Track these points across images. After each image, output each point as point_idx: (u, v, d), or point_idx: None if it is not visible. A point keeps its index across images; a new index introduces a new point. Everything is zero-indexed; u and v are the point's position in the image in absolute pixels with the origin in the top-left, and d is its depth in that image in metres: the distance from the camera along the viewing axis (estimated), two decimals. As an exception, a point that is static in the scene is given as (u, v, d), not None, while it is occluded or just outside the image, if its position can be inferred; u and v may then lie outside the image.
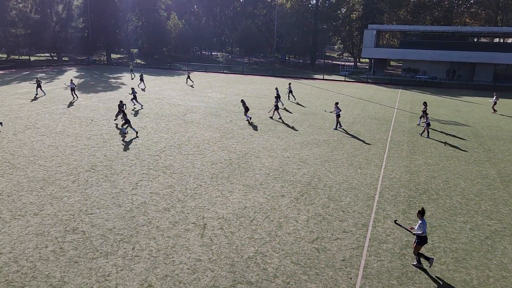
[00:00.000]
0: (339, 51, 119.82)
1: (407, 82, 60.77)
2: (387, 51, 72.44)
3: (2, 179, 15.81)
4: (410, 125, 28.81)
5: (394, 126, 28.64)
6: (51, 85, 44.40)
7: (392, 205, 14.83)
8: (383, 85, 57.35)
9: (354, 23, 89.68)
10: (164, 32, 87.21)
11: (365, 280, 10.14)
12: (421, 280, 10.24)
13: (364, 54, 69.77)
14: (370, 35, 66.43)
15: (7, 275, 9.76)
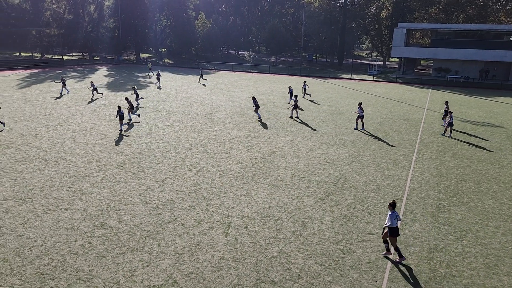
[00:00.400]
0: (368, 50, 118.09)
1: (438, 82, 59.31)
2: (418, 50, 70.84)
3: (35, 175, 16.35)
4: (440, 126, 28.08)
5: (424, 127, 28.00)
6: (83, 83, 45.60)
7: (420, 207, 14.49)
8: (413, 85, 56.16)
9: (384, 22, 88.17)
10: (192, 32, 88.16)
11: (391, 284, 9.95)
12: (449, 285, 9.96)
13: (394, 53, 68.50)
14: (400, 33, 65.17)
15: (38, 268, 10.07)
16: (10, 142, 20.82)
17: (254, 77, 59.45)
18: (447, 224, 13.28)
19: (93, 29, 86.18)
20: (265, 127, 26.11)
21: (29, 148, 19.84)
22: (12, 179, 15.75)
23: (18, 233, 11.69)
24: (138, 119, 27.00)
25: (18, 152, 19.15)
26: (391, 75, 66.61)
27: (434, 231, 12.73)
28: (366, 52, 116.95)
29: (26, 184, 15.35)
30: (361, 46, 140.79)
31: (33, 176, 16.21)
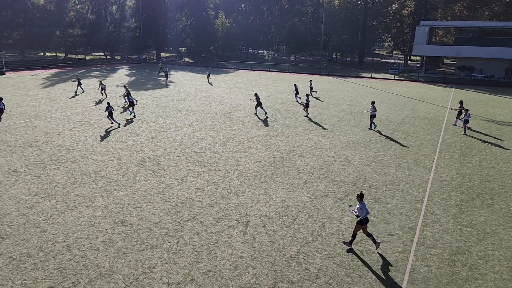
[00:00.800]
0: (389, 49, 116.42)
1: (461, 80, 58.07)
2: (441, 48, 69.49)
3: (58, 172, 16.70)
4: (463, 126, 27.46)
5: (446, 126, 27.46)
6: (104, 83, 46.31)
7: (442, 209, 14.22)
8: (435, 83, 55.15)
9: (406, 20, 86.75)
10: (211, 31, 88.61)
11: (411, 285, 9.79)
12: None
13: (416, 52, 67.39)
14: (422, 31, 64.04)
15: (60, 263, 10.29)
16: (35, 140, 21.33)
17: (273, 76, 59.37)
18: (469, 226, 12.99)
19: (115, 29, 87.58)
20: (284, 126, 26.05)
21: (53, 146, 20.29)
22: (36, 176, 16.13)
23: (42, 229, 11.96)
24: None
25: (42, 150, 19.61)
26: (413, 74, 65.55)
27: (456, 233, 12.48)
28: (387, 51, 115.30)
29: (50, 181, 15.70)
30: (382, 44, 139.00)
31: (56, 173, 16.57)
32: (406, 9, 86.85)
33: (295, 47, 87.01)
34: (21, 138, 21.59)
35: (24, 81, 46.15)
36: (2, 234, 11.59)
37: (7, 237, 11.44)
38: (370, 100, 38.09)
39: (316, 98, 38.23)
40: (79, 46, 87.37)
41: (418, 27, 65.18)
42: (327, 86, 48.55)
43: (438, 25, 72.83)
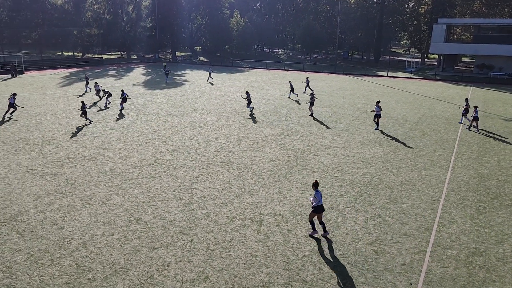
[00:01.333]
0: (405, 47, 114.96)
1: (480, 79, 57.02)
2: (459, 46, 68.38)
3: (75, 170, 16.95)
4: (481, 125, 26.99)
5: (464, 126, 27.01)
6: (120, 82, 46.87)
7: (459, 209, 14.00)
8: (453, 82, 54.29)
9: (423, 17, 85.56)
10: (226, 30, 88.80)
11: (427, 287, 9.66)
12: (489, 291, 9.57)
13: (433, 50, 66.42)
14: (439, 29, 63.07)
15: (77, 259, 10.45)
16: (52, 138, 21.68)
17: (288, 75, 59.20)
18: (487, 227, 12.76)
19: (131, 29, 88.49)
20: (298, 125, 25.96)
21: (70, 144, 20.60)
22: (54, 174, 16.40)
23: (59, 226, 12.16)
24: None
25: (59, 148, 19.93)
26: (430, 72, 64.67)
27: (473, 234, 12.26)
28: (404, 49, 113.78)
29: (67, 178, 15.94)
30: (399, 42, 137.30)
31: (73, 171, 16.82)
32: (423, 6, 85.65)
33: (310, 45, 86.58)
34: (39, 136, 21.98)
35: (43, 80, 46.96)
36: (21, 231, 11.81)
37: (25, 234, 11.66)
38: (387, 99, 37.70)
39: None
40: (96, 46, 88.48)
41: (435, 25, 64.24)
42: (342, 85, 48.22)
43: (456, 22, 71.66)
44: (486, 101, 37.78)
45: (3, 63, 55.34)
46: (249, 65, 75.00)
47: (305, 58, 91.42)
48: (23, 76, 50.86)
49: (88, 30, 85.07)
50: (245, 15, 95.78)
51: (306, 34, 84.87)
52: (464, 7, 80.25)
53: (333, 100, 36.43)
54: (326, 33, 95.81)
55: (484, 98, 40.06)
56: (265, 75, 58.04)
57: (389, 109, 32.31)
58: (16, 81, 45.22)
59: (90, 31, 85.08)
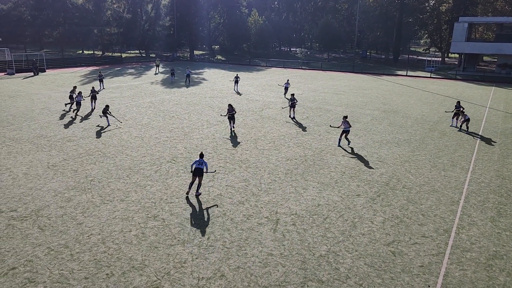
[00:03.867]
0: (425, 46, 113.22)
1: (502, 79, 55.81)
2: (481, 45, 67.00)
3: (94, 166, 17.23)
4: (503, 126, 26.44)
5: (485, 126, 26.47)
6: (139, 80, 47.40)
7: (479, 211, 13.74)
8: (474, 82, 53.24)
9: (443, 16, 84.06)
10: (244, 29, 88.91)
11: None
12: (510, 295, 9.37)
13: (454, 49, 65.24)
14: (461, 28, 61.93)
15: (95, 255, 10.62)
16: (72, 135, 22.07)
17: (305, 74, 58.97)
18: (508, 230, 12.49)
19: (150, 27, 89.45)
20: (316, 124, 25.84)
21: (89, 141, 20.94)
22: (74, 170, 16.70)
23: (78, 221, 12.38)
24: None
25: (79, 145, 20.28)
26: (450, 72, 63.56)
27: (494, 237, 12.02)
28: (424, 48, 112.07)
29: (86, 175, 16.22)
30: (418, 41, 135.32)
31: (92, 167, 17.10)
32: (444, 5, 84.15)
33: (328, 44, 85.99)
34: (60, 133, 22.40)
35: (64, 78, 47.82)
36: (42, 226, 12.07)
37: (46, 229, 11.90)
38: (405, 98, 37.23)
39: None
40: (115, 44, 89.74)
41: (456, 24, 63.09)
42: (360, 84, 47.78)
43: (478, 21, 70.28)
44: (508, 101, 36.95)
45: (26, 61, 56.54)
46: (267, 64, 74.94)
47: (323, 57, 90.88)
48: (44, 74, 51.87)
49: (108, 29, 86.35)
50: (263, 13, 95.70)
51: (324, 33, 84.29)
52: (486, 5, 78.59)
53: (351, 99, 36.14)
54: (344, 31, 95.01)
55: (506, 98, 39.18)
56: (282, 74, 57.91)
57: (408, 109, 31.89)
58: (37, 79, 46.17)
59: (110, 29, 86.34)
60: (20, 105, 30.12)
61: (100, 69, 57.36)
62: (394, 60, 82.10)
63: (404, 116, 29.12)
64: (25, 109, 28.48)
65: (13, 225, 12.09)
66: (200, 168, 14.16)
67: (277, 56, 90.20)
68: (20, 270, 9.88)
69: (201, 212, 13.18)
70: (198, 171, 14.14)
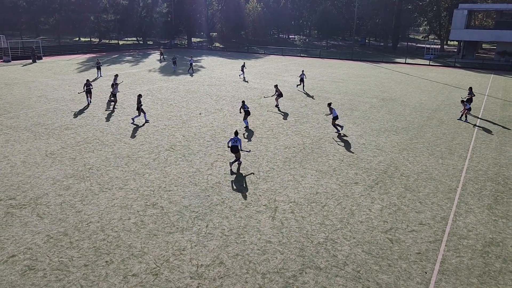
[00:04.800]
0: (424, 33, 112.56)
1: (501, 66, 55.67)
2: (480, 32, 66.59)
3: (92, 155, 17.22)
4: (501, 114, 26.45)
5: (483, 114, 26.49)
6: (137, 67, 47.12)
7: (476, 199, 13.82)
8: (473, 69, 53.13)
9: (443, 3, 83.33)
10: (242, 16, 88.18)
11: (442, 276, 9.62)
12: (505, 281, 9.48)
13: (453, 36, 64.89)
14: (460, 15, 61.50)
15: (95, 242, 10.67)
16: (70, 123, 22.00)
17: (304, 62, 58.70)
18: (505, 217, 12.59)
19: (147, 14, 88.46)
20: (314, 112, 25.80)
21: (87, 129, 20.88)
22: (72, 158, 16.69)
23: (77, 209, 12.41)
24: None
25: (77, 133, 20.23)
26: (449, 59, 63.37)
27: (490, 224, 12.12)
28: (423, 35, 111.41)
29: (85, 163, 16.21)
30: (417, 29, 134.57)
31: (90, 156, 17.08)
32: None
33: (327, 31, 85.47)
34: (58, 121, 22.32)
35: (60, 65, 47.50)
36: (41, 213, 12.10)
37: (45, 216, 11.94)
38: (404, 86, 37.16)
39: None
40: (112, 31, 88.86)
41: (456, 11, 62.66)
42: (359, 72, 47.62)
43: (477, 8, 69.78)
44: (506, 89, 36.92)
45: (22, 48, 56.06)
46: (265, 51, 74.52)
47: (322, 44, 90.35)
48: (41, 61, 51.49)
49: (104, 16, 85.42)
50: (262, 0, 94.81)
51: (323, 20, 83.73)
52: (486, -8, 77.94)
53: (349, 87, 36.05)
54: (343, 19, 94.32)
55: (505, 86, 39.14)
56: (281, 62, 57.64)
57: (407, 97, 31.85)
58: (34, 66, 45.85)
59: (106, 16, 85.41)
60: (17, 92, 29.95)
61: (97, 56, 56.96)
62: (393, 47, 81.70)
63: (403, 104, 29.10)
64: (22, 97, 28.33)
65: (12, 213, 12.12)
66: (236, 145, 15.56)
67: (275, 44, 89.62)
68: (20, 257, 9.93)
69: (200, 200, 13.22)
70: (234, 148, 15.57)
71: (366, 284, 9.26)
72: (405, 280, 9.44)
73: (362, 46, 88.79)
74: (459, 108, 28.13)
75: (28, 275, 9.30)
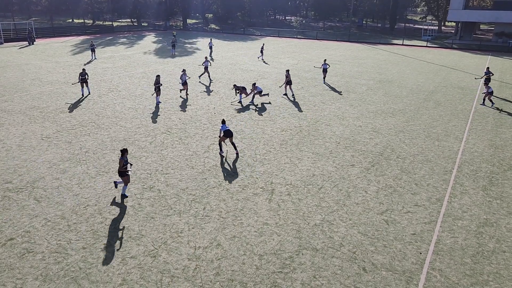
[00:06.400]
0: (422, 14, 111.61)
1: (498, 48, 55.44)
2: (478, 13, 66.01)
3: (88, 138, 17.16)
4: (499, 95, 26.43)
5: (480, 96, 26.49)
6: (131, 50, 46.61)
7: (472, 180, 13.93)
8: (470, 51, 52.89)
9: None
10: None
11: (436, 256, 9.75)
12: (498, 261, 9.63)
13: (451, 17, 64.35)
14: (458, -5, 60.85)
15: (93, 225, 10.72)
16: (65, 106, 21.85)
17: (300, 43, 58.23)
18: (499, 198, 12.72)
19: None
20: (311, 94, 25.72)
21: (83, 113, 20.76)
22: (68, 142, 16.63)
23: (74, 193, 12.43)
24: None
25: (72, 116, 20.11)
26: (447, 41, 63.00)
27: (484, 205, 12.25)
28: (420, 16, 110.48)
29: (81, 146, 16.17)
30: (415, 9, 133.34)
31: (86, 139, 17.02)
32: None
33: (324, 13, 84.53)
34: (53, 104, 22.16)
35: (54, 48, 46.91)
36: (38, 197, 12.11)
37: (42, 200, 11.95)
38: (401, 68, 37.03)
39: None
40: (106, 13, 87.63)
41: (454, -10, 61.97)
42: (356, 54, 47.34)
43: (476, -12, 68.91)
44: (504, 71, 36.85)
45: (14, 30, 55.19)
46: (261, 33, 73.77)
47: (319, 26, 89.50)
48: (34, 43, 50.78)
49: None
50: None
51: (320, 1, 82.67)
52: (485, -29, 77.06)
53: (346, 69, 35.88)
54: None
55: (502, 67, 39.04)
56: (277, 44, 57.14)
57: (404, 79, 31.75)
58: (28, 49, 45.25)
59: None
60: (11, 75, 29.63)
61: (91, 38, 56.23)
62: (390, 28, 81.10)
63: (400, 86, 29.03)
64: (15, 80, 28.04)
65: (9, 196, 12.13)
66: (228, 129, 15.37)
67: (272, 25, 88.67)
68: (18, 240, 9.98)
69: (197, 183, 13.26)
70: (229, 132, 15.27)
71: (361, 265, 9.39)
72: (400, 261, 9.57)
73: (359, 28, 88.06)
74: (456, 90, 28.12)
75: (27, 257, 9.36)
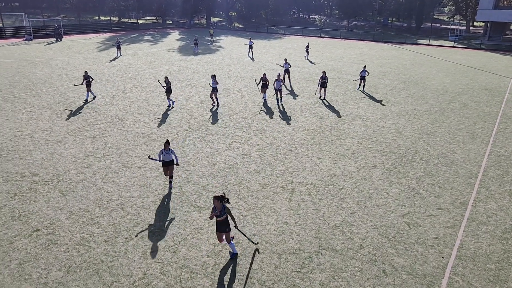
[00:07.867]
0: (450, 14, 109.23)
1: (528, 49, 53.78)
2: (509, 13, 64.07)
3: (112, 133, 17.46)
4: (527, 98, 25.66)
5: (508, 98, 25.76)
6: (156, 47, 47.18)
7: (498, 184, 13.57)
8: (499, 52, 51.47)
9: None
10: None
11: (459, 261, 9.54)
12: (524, 269, 9.35)
13: (480, 17, 62.74)
14: (488, -5, 59.27)
15: (115, 219, 10.92)
16: (91, 102, 22.29)
17: (324, 42, 57.81)
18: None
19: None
20: (333, 94, 25.51)
21: (107, 109, 21.14)
22: (93, 137, 16.97)
23: (98, 187, 12.68)
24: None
25: (97, 112, 20.51)
26: (475, 41, 61.47)
27: (511, 211, 11.90)
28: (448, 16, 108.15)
29: (105, 142, 16.47)
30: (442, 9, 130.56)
31: (110, 134, 17.33)
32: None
33: (349, 11, 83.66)
34: (79, 100, 22.64)
35: (81, 44, 47.91)
36: (62, 190, 12.40)
37: (67, 193, 12.24)
38: (427, 68, 36.33)
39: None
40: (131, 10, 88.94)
41: (484, -10, 60.39)
42: (380, 54, 46.69)
43: (507, -13, 66.95)
44: (534, 73, 35.71)
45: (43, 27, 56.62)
46: (285, 31, 73.57)
47: (343, 25, 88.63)
48: (62, 40, 51.97)
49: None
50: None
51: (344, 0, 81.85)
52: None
53: (370, 69, 35.42)
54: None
55: (533, 69, 37.85)
56: (300, 42, 56.87)
57: (429, 79, 31.16)
58: (55, 45, 46.35)
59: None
60: (39, 71, 30.42)
61: (117, 35, 57.19)
62: (416, 28, 79.61)
63: (425, 87, 28.49)
64: (44, 76, 28.77)
65: (36, 189, 12.46)
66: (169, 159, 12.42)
67: (295, 24, 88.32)
68: (43, 232, 10.25)
69: (217, 181, 13.33)
70: (169, 161, 12.41)
71: (381, 267, 9.27)
72: (422, 264, 9.41)
73: (385, 27, 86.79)
74: (483, 91, 27.42)
75: (51, 249, 9.60)
